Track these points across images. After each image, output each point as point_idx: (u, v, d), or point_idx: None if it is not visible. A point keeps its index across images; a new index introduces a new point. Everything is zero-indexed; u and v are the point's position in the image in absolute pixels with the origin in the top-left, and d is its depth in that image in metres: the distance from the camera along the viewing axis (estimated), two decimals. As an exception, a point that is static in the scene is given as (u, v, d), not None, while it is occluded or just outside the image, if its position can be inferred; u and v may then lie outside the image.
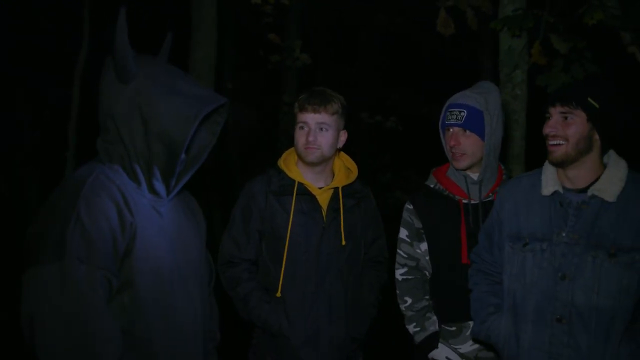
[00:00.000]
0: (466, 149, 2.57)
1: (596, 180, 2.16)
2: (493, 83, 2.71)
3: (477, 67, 7.91)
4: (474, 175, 2.64)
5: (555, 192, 2.19)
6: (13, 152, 8.92)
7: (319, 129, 2.51)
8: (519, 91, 3.72)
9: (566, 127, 2.11)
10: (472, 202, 2.64)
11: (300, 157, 2.56)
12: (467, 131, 2.58)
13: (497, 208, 2.38)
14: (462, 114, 2.58)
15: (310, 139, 2.50)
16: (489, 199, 2.63)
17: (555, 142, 2.12)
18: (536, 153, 3.30)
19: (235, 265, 2.55)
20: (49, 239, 1.63)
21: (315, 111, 2.51)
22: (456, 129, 2.59)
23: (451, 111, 2.60)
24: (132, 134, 1.81)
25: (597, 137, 2.12)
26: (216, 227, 6.13)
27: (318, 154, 2.51)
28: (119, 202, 1.74)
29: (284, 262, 2.49)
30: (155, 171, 1.85)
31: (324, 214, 2.54)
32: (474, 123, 2.58)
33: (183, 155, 1.91)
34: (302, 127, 2.52)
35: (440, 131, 2.68)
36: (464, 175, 2.64)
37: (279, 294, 2.49)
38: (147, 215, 1.83)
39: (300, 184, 2.54)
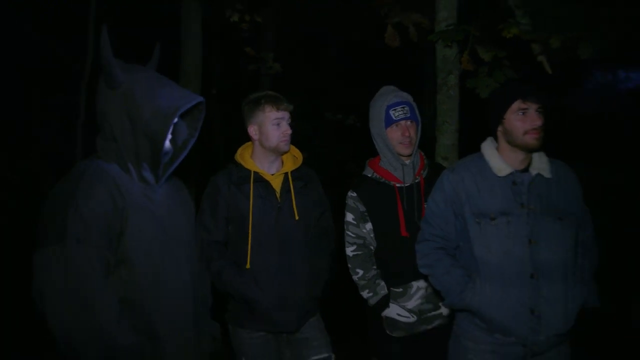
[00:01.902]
0: (413, 137, 2.66)
1: (530, 161, 2.26)
2: (416, 87, 2.81)
3: (421, 72, 7.95)
4: (407, 160, 2.70)
5: (511, 173, 2.25)
6: (28, 148, 8.67)
7: (286, 123, 2.58)
8: (452, 92, 3.74)
9: (541, 121, 2.21)
10: (404, 184, 2.69)
11: (276, 149, 2.58)
12: (413, 122, 2.67)
13: (449, 191, 2.34)
14: (406, 108, 2.64)
15: (289, 132, 2.56)
16: (416, 181, 2.70)
17: (536, 133, 2.19)
18: (466, 143, 3.39)
19: (207, 247, 2.54)
20: (52, 223, 1.67)
21: (287, 109, 2.57)
22: (407, 122, 2.65)
23: (395, 108, 2.65)
24: (123, 132, 1.84)
25: None
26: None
27: (288, 143, 2.59)
28: (112, 191, 1.76)
29: (249, 239, 2.51)
30: (143, 163, 1.88)
31: (277, 196, 2.56)
32: (414, 115, 2.67)
33: (168, 147, 1.94)
34: (277, 124, 2.55)
35: (383, 127, 2.67)
36: (400, 162, 2.70)
37: (248, 266, 2.51)
38: (138, 201, 1.85)
39: (255, 173, 2.56)
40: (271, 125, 2.57)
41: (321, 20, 8.23)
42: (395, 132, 2.67)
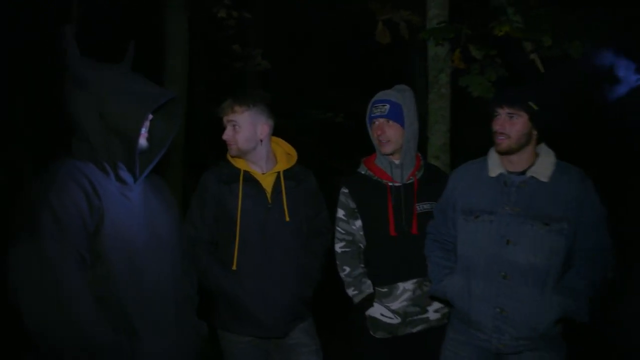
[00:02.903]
0: (390, 137, 2.66)
1: (532, 165, 2.30)
2: (408, 86, 2.78)
3: (411, 70, 7.97)
4: (397, 160, 2.71)
5: (500, 174, 2.32)
6: (11, 142, 8.56)
7: (232, 126, 2.53)
8: (444, 90, 3.76)
9: (511, 126, 2.26)
10: (396, 184, 2.69)
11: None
12: (390, 121, 2.66)
13: (450, 189, 2.50)
14: (386, 107, 2.65)
15: (225, 137, 2.54)
16: (409, 181, 2.71)
17: (502, 137, 2.27)
18: (458, 143, 3.40)
19: (195, 245, 2.52)
20: (26, 223, 1.65)
21: (224, 113, 2.55)
22: (381, 120, 2.67)
23: (376, 106, 2.68)
24: (94, 132, 1.82)
25: (534, 132, 2.29)
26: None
27: (234, 148, 2.54)
28: (87, 190, 1.74)
29: (237, 240, 2.49)
30: (119, 163, 1.86)
31: (268, 196, 2.54)
32: (396, 114, 2.66)
33: (143, 145, 1.91)
34: (225, 127, 2.56)
35: (368, 124, 2.74)
36: (389, 161, 2.71)
37: (234, 267, 2.49)
38: (115, 200, 1.83)
39: (245, 171, 2.55)
40: None
41: (310, 16, 8.21)
42: (373, 130, 2.71)
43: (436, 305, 2.69)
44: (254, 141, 2.56)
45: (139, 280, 1.84)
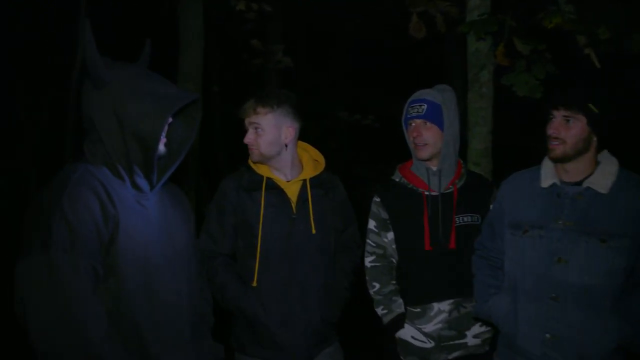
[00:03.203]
0: (427, 140, 2.61)
1: (590, 174, 2.23)
2: (449, 85, 2.74)
3: (447, 68, 7.93)
4: (434, 167, 2.66)
5: (553, 184, 2.26)
6: (13, 146, 8.74)
7: (254, 129, 2.49)
8: (485, 90, 3.71)
9: (567, 130, 2.20)
10: (433, 193, 2.65)
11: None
12: (428, 123, 2.62)
13: (499, 200, 2.47)
14: (423, 107, 2.61)
15: (246, 140, 2.50)
16: (448, 190, 2.66)
17: (556, 143, 2.20)
18: (501, 147, 3.33)
19: (212, 259, 2.51)
20: (36, 232, 1.64)
21: (247, 115, 2.50)
22: (418, 121, 2.62)
23: (412, 106, 2.64)
24: (110, 135, 1.82)
25: (594, 138, 2.21)
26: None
27: (257, 153, 2.51)
28: (101, 197, 1.74)
29: (258, 253, 2.47)
30: (136, 168, 1.86)
31: (293, 205, 2.52)
32: (434, 115, 2.61)
33: (162, 151, 1.91)
34: (246, 130, 2.52)
35: (404, 126, 2.70)
36: (426, 167, 2.66)
37: (254, 284, 2.47)
38: (130, 208, 1.83)
39: (268, 179, 2.52)
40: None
41: (335, 9, 8.22)
42: (409, 133, 2.67)
43: (476, 329, 2.64)
44: (278, 145, 2.52)
45: (154, 296, 1.84)
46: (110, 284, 1.74)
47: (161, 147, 1.90)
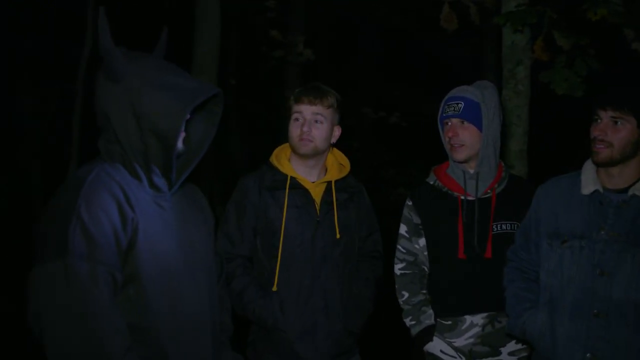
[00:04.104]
0: (464, 140, 2.58)
1: (637, 181, 2.19)
2: (490, 82, 2.71)
3: (480, 63, 7.89)
4: (471, 170, 2.65)
5: (595, 192, 2.22)
6: (16, 143, 8.87)
7: (314, 120, 2.50)
8: (521, 87, 3.69)
9: (615, 132, 2.15)
10: (469, 198, 2.63)
11: (293, 149, 2.55)
12: (465, 122, 2.59)
13: (534, 207, 2.42)
14: (460, 105, 2.59)
15: (305, 129, 2.48)
16: (486, 195, 2.64)
17: (601, 145, 2.15)
18: (538, 149, 3.30)
19: (229, 262, 2.51)
20: (52, 238, 1.64)
21: (311, 103, 2.50)
22: (454, 120, 2.60)
23: (449, 104, 2.62)
24: (127, 132, 1.82)
25: None
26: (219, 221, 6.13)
27: (311, 146, 2.50)
28: (119, 198, 1.74)
29: (279, 256, 2.47)
30: (154, 167, 1.85)
31: (317, 207, 2.52)
32: (472, 114, 2.59)
33: (181, 148, 1.91)
34: (297, 119, 2.51)
35: (439, 125, 2.69)
36: (463, 170, 2.64)
37: (274, 288, 2.47)
38: (149, 210, 1.82)
39: (292, 178, 2.53)
40: (292, 121, 2.54)
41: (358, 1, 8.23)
42: (445, 133, 2.65)
43: (512, 346, 2.61)
44: (328, 143, 2.56)
45: (175, 304, 1.83)
46: (130, 292, 1.74)
47: (179, 144, 1.89)
